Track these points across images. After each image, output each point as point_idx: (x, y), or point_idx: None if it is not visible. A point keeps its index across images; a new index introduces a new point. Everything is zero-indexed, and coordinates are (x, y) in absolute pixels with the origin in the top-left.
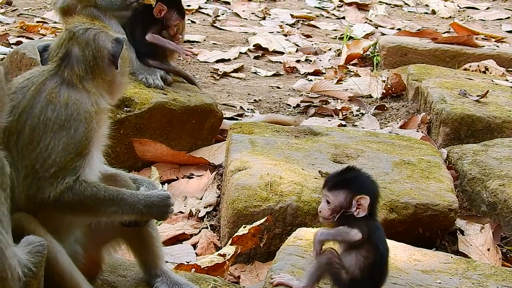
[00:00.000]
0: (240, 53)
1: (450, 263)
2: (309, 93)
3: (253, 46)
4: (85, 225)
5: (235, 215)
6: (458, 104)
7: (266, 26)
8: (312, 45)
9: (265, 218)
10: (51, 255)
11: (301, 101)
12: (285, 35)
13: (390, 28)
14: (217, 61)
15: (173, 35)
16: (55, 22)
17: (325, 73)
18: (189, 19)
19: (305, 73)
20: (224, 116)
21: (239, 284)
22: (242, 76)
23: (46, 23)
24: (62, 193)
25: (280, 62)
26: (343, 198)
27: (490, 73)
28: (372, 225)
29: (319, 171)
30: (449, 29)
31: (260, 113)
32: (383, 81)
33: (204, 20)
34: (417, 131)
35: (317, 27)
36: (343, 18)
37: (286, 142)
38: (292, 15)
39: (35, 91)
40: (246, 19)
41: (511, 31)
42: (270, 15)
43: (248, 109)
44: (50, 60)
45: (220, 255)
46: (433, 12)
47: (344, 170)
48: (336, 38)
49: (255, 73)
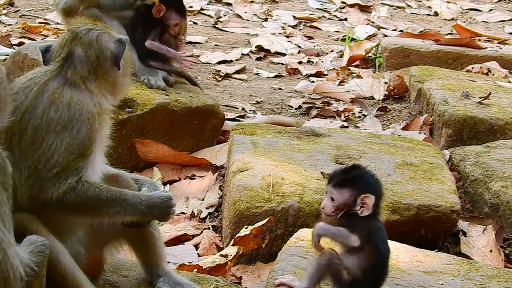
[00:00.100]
0: (242, 54)
1: (452, 264)
2: (311, 94)
3: (255, 47)
4: (87, 225)
5: (237, 216)
6: (460, 105)
7: (268, 27)
8: (314, 46)
9: (267, 219)
10: (53, 255)
11: (303, 103)
12: (287, 37)
13: (392, 30)
14: (219, 62)
15: (176, 36)
16: (57, 23)
17: (327, 75)
18: (191, 20)
19: (307, 74)
20: (226, 117)
21: (241, 285)
22: (244, 77)
23: (48, 24)
24: (65, 193)
25: (282, 64)
26: (348, 196)
27: (493, 74)
28: (375, 225)
29: (321, 172)
30: (451, 30)
31: (262, 114)
32: (385, 82)
33: (206, 21)
34: (419, 132)
35: (319, 29)
36: (345, 19)
37: (288, 143)
38: (294, 17)
39: (38, 91)
40: (248, 20)
41: None
42: (272, 16)
43: (250, 110)
44: (53, 61)
45: (222, 255)
46: (436, 14)
47: (350, 167)
48: (338, 40)
49: (257, 74)
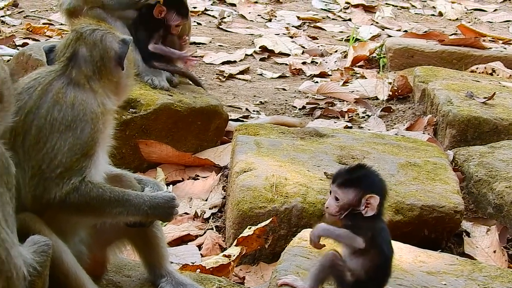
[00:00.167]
0: (246, 55)
1: (455, 264)
2: (315, 95)
3: (259, 48)
4: (90, 225)
5: (240, 216)
6: (464, 106)
7: (272, 28)
8: (318, 47)
9: (270, 219)
10: (56, 254)
11: (307, 103)
12: (291, 37)
13: (396, 30)
14: (223, 63)
15: (179, 37)
16: (61, 24)
17: (331, 75)
18: (195, 21)
19: (311, 75)
20: (229, 117)
21: (243, 285)
22: (248, 78)
23: (52, 24)
24: (68, 193)
25: (286, 64)
26: (353, 196)
27: (497, 75)
28: (379, 226)
29: (325, 172)
30: (456, 31)
31: (266, 115)
32: (390, 83)
33: (210, 22)
34: (423, 133)
35: (323, 29)
36: (350, 20)
37: (291, 143)
38: (298, 17)
39: (42, 91)
40: (252, 21)
41: None
42: (276, 17)
43: (253, 110)
44: (57, 61)
45: (225, 256)
46: (440, 14)
47: (355, 167)
48: (342, 40)
49: (261, 75)
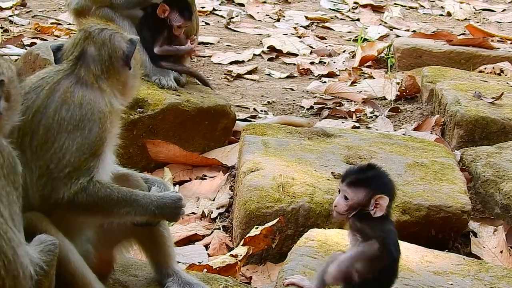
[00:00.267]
0: (254, 55)
1: (462, 264)
2: (323, 95)
3: (267, 48)
4: (97, 225)
5: (247, 216)
6: (472, 106)
7: (280, 28)
8: (326, 47)
9: (277, 219)
10: (63, 254)
11: (315, 103)
12: (299, 37)
13: (405, 30)
14: (231, 63)
15: (188, 37)
16: (69, 24)
17: (339, 75)
18: (203, 21)
19: (319, 75)
20: (237, 117)
21: (250, 285)
22: (256, 78)
23: (60, 24)
24: (76, 193)
25: (294, 64)
26: (363, 196)
27: (505, 75)
28: (387, 227)
29: (332, 172)
30: (464, 31)
31: (273, 114)
32: (397, 83)
33: (218, 22)
34: (431, 133)
35: (332, 29)
36: (358, 20)
37: (299, 143)
38: (306, 17)
39: (49, 90)
40: (260, 21)
41: None
42: (284, 17)
43: (261, 110)
44: (65, 60)
45: (232, 255)
46: (449, 14)
47: (366, 167)
48: (350, 40)
49: (269, 75)
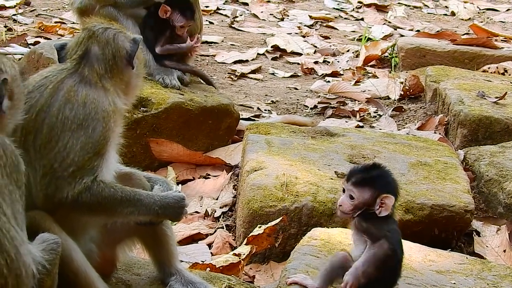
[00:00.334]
0: (258, 54)
1: (465, 264)
2: (326, 94)
3: (271, 47)
4: (100, 224)
5: (250, 215)
6: (476, 105)
7: (284, 27)
8: (330, 46)
9: (281, 218)
10: (66, 252)
11: (319, 102)
12: (303, 36)
13: (409, 30)
14: (235, 62)
15: (192, 36)
16: (73, 23)
17: (343, 75)
18: (207, 20)
19: (323, 74)
20: (241, 116)
21: (253, 284)
22: (259, 77)
23: (64, 23)
24: (80, 193)
25: (298, 63)
26: (369, 195)
27: (509, 74)
28: (391, 227)
29: (335, 171)
30: (468, 30)
31: (277, 114)
32: (401, 82)
33: (222, 21)
34: (434, 132)
35: (336, 29)
36: (362, 19)
37: (302, 142)
38: (310, 16)
39: (53, 89)
40: (264, 20)
41: None
42: (288, 16)
43: (265, 110)
44: (68, 59)
45: (235, 254)
46: (453, 14)
47: (371, 166)
48: (354, 40)
49: (272, 74)
